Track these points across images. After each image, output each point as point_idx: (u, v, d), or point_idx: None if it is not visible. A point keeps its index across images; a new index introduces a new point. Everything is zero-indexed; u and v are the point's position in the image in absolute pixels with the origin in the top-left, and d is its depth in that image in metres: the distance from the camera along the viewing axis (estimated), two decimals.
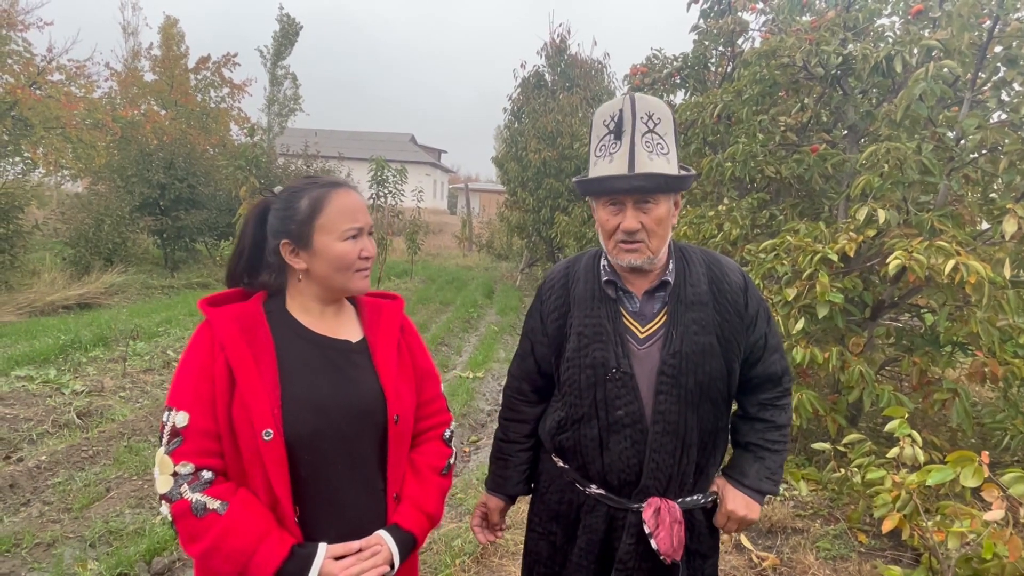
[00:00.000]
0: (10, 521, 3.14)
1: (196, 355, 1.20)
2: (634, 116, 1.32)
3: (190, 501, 1.12)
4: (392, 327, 1.38)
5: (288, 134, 26.05)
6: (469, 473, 3.98)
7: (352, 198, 1.28)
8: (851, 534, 3.09)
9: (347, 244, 1.25)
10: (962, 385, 3.18)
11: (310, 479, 1.21)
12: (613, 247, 1.38)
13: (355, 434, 1.25)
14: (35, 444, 4.01)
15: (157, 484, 1.15)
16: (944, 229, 3.16)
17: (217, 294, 1.30)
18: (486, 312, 9.95)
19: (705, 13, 6.28)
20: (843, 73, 4.07)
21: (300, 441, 1.19)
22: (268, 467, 1.15)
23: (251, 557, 1.12)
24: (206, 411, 1.16)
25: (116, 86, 17.78)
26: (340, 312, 1.35)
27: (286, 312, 1.29)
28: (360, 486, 1.27)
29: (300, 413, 1.19)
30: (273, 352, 1.21)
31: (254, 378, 1.17)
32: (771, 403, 1.50)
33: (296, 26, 26.48)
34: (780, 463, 1.50)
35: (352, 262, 1.26)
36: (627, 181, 1.30)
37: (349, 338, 1.32)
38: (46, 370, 5.27)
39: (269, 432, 1.15)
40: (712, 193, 5.49)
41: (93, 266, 10.04)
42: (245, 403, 1.15)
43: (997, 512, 1.91)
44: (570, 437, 1.45)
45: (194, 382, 1.17)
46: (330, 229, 1.24)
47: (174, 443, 1.15)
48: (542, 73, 12.40)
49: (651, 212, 1.33)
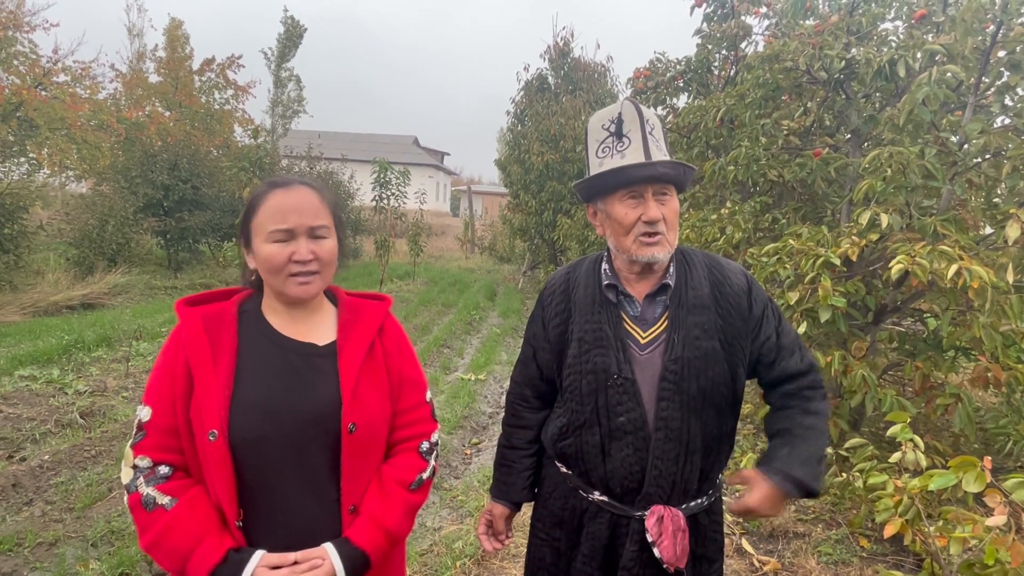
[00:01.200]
0: (12, 520, 3.15)
1: (165, 353, 1.22)
2: (640, 117, 1.34)
3: (142, 494, 1.14)
4: (368, 330, 1.31)
5: (292, 136, 26.12)
6: (470, 475, 3.98)
7: (291, 198, 1.21)
8: (853, 539, 3.08)
9: (274, 247, 1.19)
10: (965, 390, 3.17)
11: (255, 484, 1.18)
12: (633, 242, 1.35)
13: (305, 441, 1.20)
14: (38, 444, 4.02)
15: (122, 475, 1.19)
16: (947, 234, 3.15)
17: (197, 294, 1.30)
18: (488, 314, 9.95)
19: (708, 17, 6.29)
20: (846, 77, 4.07)
21: (245, 444, 1.16)
22: (211, 468, 1.15)
23: (188, 557, 1.12)
24: (166, 408, 1.18)
25: (121, 87, 17.85)
26: (314, 314, 1.30)
27: (259, 313, 1.28)
28: (309, 495, 1.21)
29: (247, 416, 1.16)
30: (233, 353, 1.20)
31: (209, 377, 1.17)
32: (795, 392, 1.42)
33: (300, 28, 26.55)
34: (813, 451, 1.34)
35: (280, 265, 1.20)
36: (651, 168, 1.30)
37: (317, 341, 1.27)
38: (49, 370, 5.29)
39: (214, 433, 1.14)
40: (715, 197, 5.49)
41: (97, 267, 10.08)
42: (198, 402, 1.16)
43: (999, 518, 1.90)
44: (572, 444, 1.44)
45: (158, 379, 1.20)
46: (259, 231, 1.22)
47: (138, 437, 1.18)
48: (545, 76, 12.42)
49: (668, 204, 1.34)
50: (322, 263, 1.23)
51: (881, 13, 4.27)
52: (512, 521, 1.67)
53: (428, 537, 3.13)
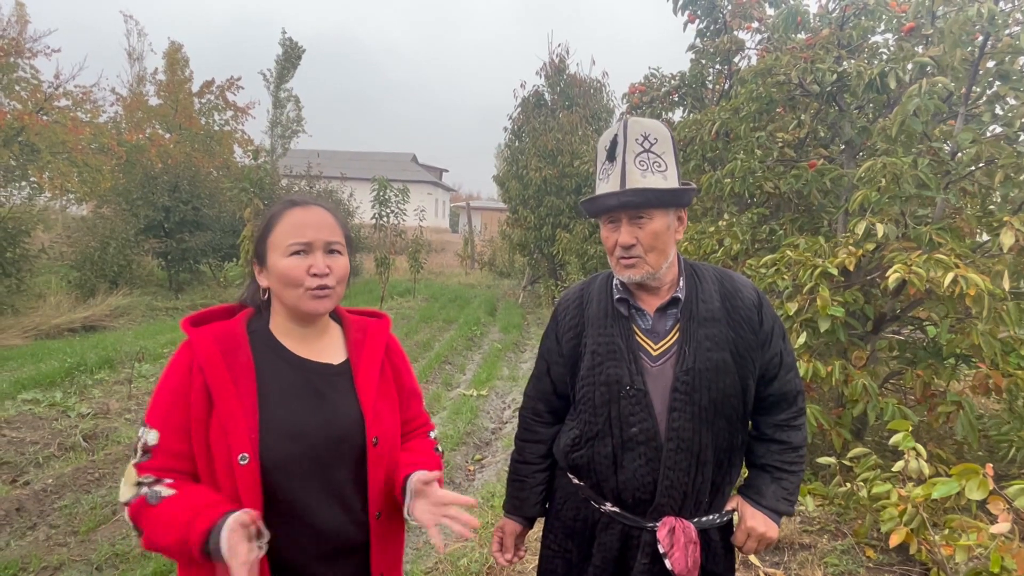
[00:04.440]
0: (17, 545, 3.14)
1: (174, 375, 1.20)
2: (626, 138, 1.37)
3: (145, 494, 1.14)
4: (377, 348, 1.37)
5: (291, 155, 26.29)
6: (474, 492, 3.97)
7: (309, 215, 1.25)
8: (859, 549, 3.07)
9: (292, 260, 1.22)
10: (966, 397, 3.18)
11: (285, 502, 1.20)
12: (615, 263, 1.42)
13: (332, 459, 1.24)
14: (41, 467, 4.02)
15: (120, 493, 1.17)
16: (943, 242, 3.18)
17: (201, 312, 1.30)
18: (489, 330, 9.95)
19: (701, 32, 6.38)
20: (838, 90, 4.13)
21: (276, 466, 1.18)
22: (242, 491, 1.15)
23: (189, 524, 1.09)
24: (177, 432, 1.17)
25: (121, 111, 18.04)
26: (324, 333, 1.34)
27: (269, 333, 1.28)
28: (337, 508, 1.25)
29: (277, 439, 1.18)
30: (253, 375, 1.21)
31: (232, 401, 1.17)
32: (786, 424, 1.50)
33: (299, 49, 26.85)
34: (797, 484, 1.49)
35: (297, 279, 1.22)
36: (616, 197, 1.36)
37: (331, 360, 1.31)
38: (52, 393, 5.29)
39: (245, 456, 1.14)
40: (712, 209, 5.53)
41: (98, 289, 10.11)
42: (223, 426, 1.15)
43: (1004, 525, 1.91)
44: (584, 455, 1.45)
45: (167, 403, 1.18)
46: (277, 245, 1.24)
47: (143, 458, 1.17)
48: (542, 92, 12.56)
49: (645, 227, 1.37)
50: (337, 279, 1.26)
51: (871, 26, 4.34)
52: (524, 538, 1.67)
53: (433, 555, 3.12)
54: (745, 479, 1.55)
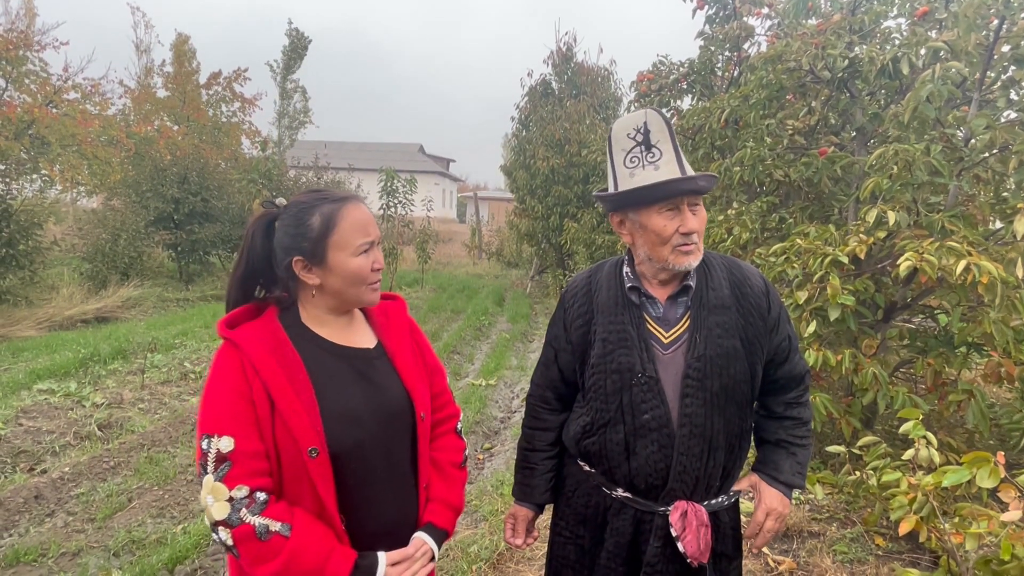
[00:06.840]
0: (36, 531, 3.21)
1: (227, 379, 1.19)
2: (668, 127, 1.37)
3: (253, 525, 1.12)
4: (403, 328, 1.44)
5: (298, 146, 26.33)
6: (483, 480, 4.00)
7: (362, 212, 1.30)
8: (868, 537, 3.07)
9: (361, 259, 1.27)
10: (977, 386, 3.16)
11: (355, 487, 1.25)
12: (670, 252, 1.37)
13: (390, 438, 1.31)
14: (58, 456, 4.08)
15: (212, 512, 1.13)
16: (955, 230, 3.15)
17: (232, 314, 1.29)
18: (497, 320, 9.97)
19: (711, 19, 6.31)
20: (850, 76, 4.08)
21: (344, 453, 1.22)
22: (316, 482, 1.18)
23: (320, 575, 1.16)
24: (251, 433, 1.16)
25: (130, 103, 18.10)
26: (352, 320, 1.38)
27: (303, 326, 1.30)
28: (398, 485, 1.34)
29: (341, 427, 1.23)
30: (304, 369, 1.23)
31: (292, 398, 1.18)
32: (795, 401, 1.56)
33: (305, 40, 26.81)
34: (807, 458, 1.56)
35: (366, 276, 1.28)
36: (692, 182, 1.34)
37: (367, 345, 1.36)
38: (67, 383, 5.37)
39: (315, 450, 1.17)
40: (721, 197, 5.49)
41: (110, 280, 10.19)
42: (286, 423, 1.17)
43: (1014, 513, 1.90)
44: (596, 442, 1.47)
45: (231, 406, 1.17)
46: (343, 245, 1.25)
47: (223, 468, 1.14)
48: (549, 81, 12.45)
49: (699, 213, 1.39)
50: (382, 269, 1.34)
51: (883, 11, 4.27)
52: (535, 523, 1.70)
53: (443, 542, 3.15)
54: (758, 457, 1.58)
